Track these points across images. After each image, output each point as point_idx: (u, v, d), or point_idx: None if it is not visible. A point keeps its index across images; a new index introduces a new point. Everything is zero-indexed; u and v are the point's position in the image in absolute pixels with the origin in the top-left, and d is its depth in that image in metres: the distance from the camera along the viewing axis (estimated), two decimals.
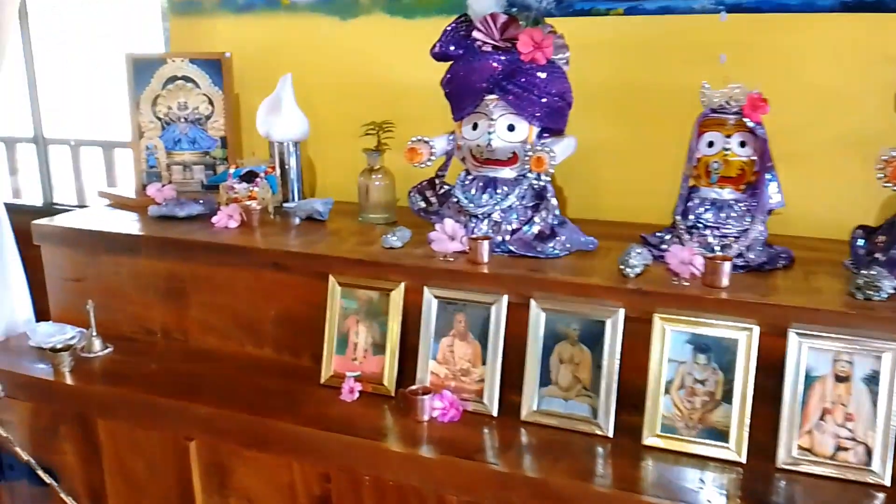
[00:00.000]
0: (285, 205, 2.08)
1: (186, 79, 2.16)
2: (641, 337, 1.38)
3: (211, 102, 2.18)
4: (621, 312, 1.40)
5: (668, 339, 1.36)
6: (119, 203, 2.15)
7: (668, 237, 1.60)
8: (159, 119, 2.18)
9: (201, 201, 1.99)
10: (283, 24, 2.19)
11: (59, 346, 1.74)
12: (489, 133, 1.64)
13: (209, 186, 2.15)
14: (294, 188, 2.13)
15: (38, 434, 1.75)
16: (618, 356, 1.40)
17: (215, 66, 2.16)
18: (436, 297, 1.55)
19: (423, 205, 1.83)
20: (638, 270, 1.45)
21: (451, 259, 1.60)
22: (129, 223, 1.94)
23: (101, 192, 2.23)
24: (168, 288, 1.84)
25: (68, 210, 2.70)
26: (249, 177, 1.97)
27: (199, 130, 2.19)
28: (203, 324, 1.83)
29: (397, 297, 1.58)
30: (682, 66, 1.74)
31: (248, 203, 1.90)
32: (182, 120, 2.18)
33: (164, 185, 2.13)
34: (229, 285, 1.77)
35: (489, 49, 1.62)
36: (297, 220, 1.93)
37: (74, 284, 1.94)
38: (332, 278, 1.63)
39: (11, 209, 2.80)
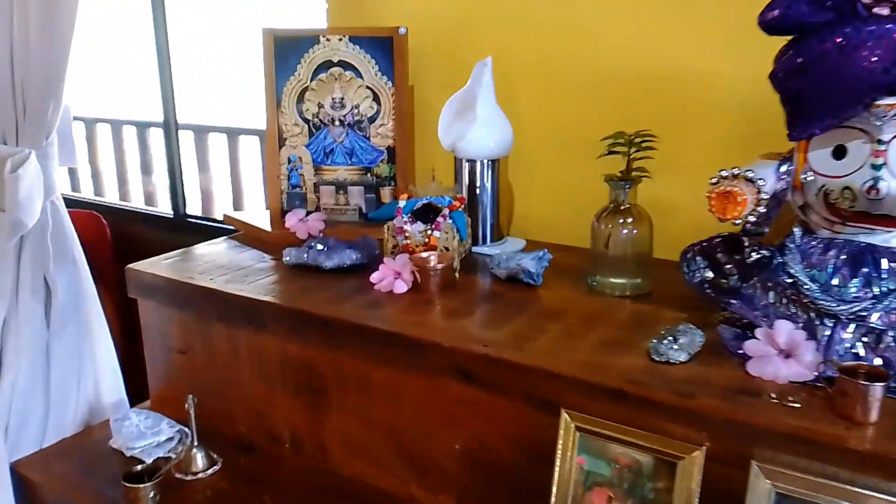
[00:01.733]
0: (475, 250, 1.41)
1: (345, 65, 1.54)
2: None
3: (377, 98, 1.54)
4: None
5: None
6: (248, 236, 1.58)
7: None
8: (307, 121, 1.58)
9: (358, 244, 1.36)
10: None
11: (141, 467, 1.16)
12: (875, 167, 0.87)
13: (371, 219, 1.51)
14: (486, 226, 1.45)
15: None
16: None
17: (384, 47, 1.52)
18: (774, 486, 0.81)
19: (710, 275, 1.09)
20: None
21: (795, 404, 0.85)
22: (254, 275, 1.34)
23: (226, 217, 1.66)
24: (303, 382, 1.22)
25: (200, 223, 2.21)
26: (427, 214, 1.32)
27: (359, 137, 1.57)
28: (349, 441, 1.20)
29: (691, 470, 0.85)
30: None
31: (424, 256, 1.25)
32: (337, 122, 1.57)
33: (308, 214, 1.53)
34: (391, 392, 1.13)
35: (887, 13, 0.85)
36: (492, 281, 1.26)
37: (179, 358, 1.38)
38: (564, 416, 0.93)
39: (143, 219, 2.35)
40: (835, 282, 0.91)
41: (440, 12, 1.55)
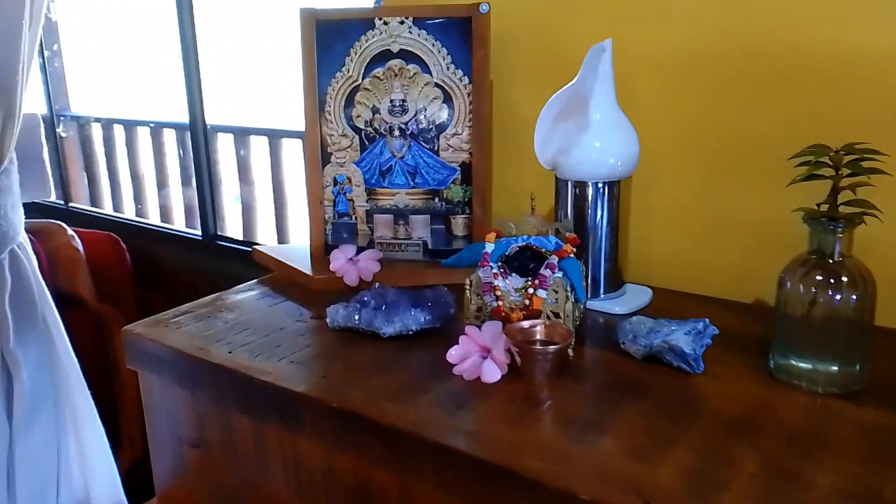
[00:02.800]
0: (596, 304, 1.03)
1: (407, 56, 1.17)
2: None
3: (448, 99, 1.17)
4: None
5: None
6: (284, 279, 1.22)
7: None
8: (357, 130, 1.21)
9: (427, 298, 1.00)
10: None
11: None
12: None
13: (445, 265, 1.14)
14: (600, 271, 1.07)
15: None
16: None
17: (460, 31, 1.15)
18: None
19: None
20: None
21: None
22: (289, 343, 0.98)
23: (257, 251, 1.30)
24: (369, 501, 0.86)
25: (233, 246, 1.86)
26: (526, 262, 0.94)
27: (424, 152, 1.20)
28: None
29: None
30: None
31: (525, 327, 0.88)
32: (397, 132, 1.20)
33: (360, 252, 1.17)
34: None
35: None
36: (622, 358, 0.87)
37: (191, 453, 1.03)
38: None
39: (168, 239, 2.02)
40: None
41: None
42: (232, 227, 2.03)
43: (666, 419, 0.76)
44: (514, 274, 0.93)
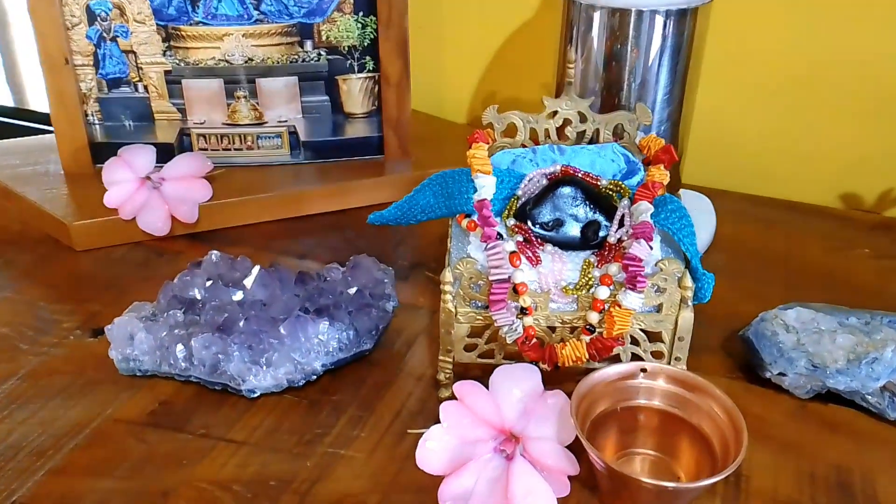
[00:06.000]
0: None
1: None
2: None
3: None
4: None
5: None
6: (5, 222, 0.61)
7: None
8: None
9: (338, 293, 0.46)
10: None
11: None
12: None
13: (374, 220, 0.53)
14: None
15: None
16: None
17: None
18: None
19: None
20: None
21: None
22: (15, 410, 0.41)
23: None
24: None
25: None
26: (562, 214, 0.41)
27: None
28: None
29: None
30: None
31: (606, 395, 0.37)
32: None
33: (165, 163, 0.58)
34: None
35: None
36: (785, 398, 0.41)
37: None
38: None
39: None
40: None
41: None
42: None
43: None
44: (550, 246, 0.41)
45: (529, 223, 0.41)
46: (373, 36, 0.62)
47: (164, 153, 0.61)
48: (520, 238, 0.41)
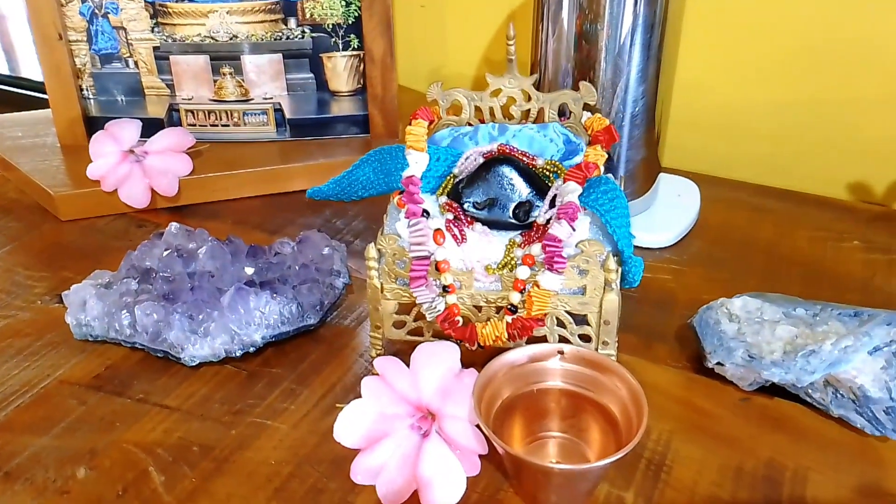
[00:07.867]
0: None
1: None
2: None
3: None
4: None
5: None
6: (12, 193, 0.63)
7: None
8: None
9: (286, 269, 0.46)
10: None
11: None
12: None
13: (312, 195, 0.54)
14: (626, 165, 0.54)
15: None
16: None
17: None
18: None
19: None
20: None
21: None
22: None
23: None
24: None
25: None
26: (502, 195, 0.40)
27: None
28: None
29: None
30: None
31: (516, 372, 0.36)
32: None
33: (149, 137, 0.59)
34: None
35: None
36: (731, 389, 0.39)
37: None
38: None
39: None
40: None
41: None
42: None
43: None
44: (482, 226, 0.40)
45: (462, 201, 0.40)
46: (357, 13, 0.62)
47: (154, 127, 0.63)
48: (450, 216, 0.40)
